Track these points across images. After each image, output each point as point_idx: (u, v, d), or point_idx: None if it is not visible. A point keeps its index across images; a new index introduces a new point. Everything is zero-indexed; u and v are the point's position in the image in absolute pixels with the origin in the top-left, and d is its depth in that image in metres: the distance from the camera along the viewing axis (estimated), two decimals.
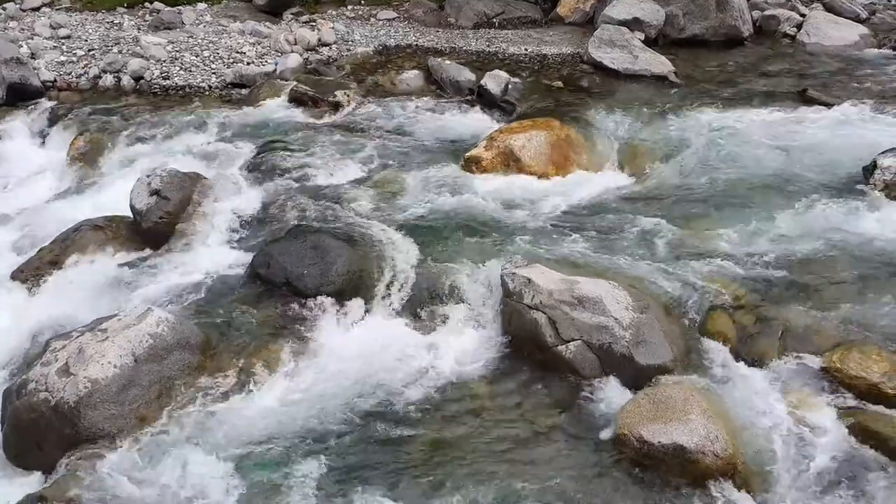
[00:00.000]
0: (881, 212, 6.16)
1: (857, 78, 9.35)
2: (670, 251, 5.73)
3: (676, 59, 9.83)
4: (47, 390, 4.36)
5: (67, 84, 9.19)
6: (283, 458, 4.20)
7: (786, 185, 6.62)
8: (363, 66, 9.86)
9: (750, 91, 8.92)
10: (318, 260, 5.48)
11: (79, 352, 4.48)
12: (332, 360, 4.93)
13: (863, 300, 5.12)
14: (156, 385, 4.52)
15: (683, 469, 4.07)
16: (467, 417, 4.53)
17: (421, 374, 4.82)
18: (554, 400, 4.64)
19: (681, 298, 5.18)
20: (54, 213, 6.85)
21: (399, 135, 7.89)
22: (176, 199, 6.14)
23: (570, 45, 10.55)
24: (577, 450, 4.31)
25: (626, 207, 6.41)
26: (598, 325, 4.77)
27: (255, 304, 5.34)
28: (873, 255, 5.63)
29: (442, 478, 4.11)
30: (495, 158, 7.08)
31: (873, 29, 11.23)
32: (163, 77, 9.28)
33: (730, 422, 4.27)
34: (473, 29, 11.47)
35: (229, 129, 8.06)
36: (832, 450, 4.24)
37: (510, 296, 5.06)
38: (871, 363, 4.57)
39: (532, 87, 9.09)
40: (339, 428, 4.42)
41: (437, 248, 5.73)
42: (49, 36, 10.06)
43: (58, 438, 4.28)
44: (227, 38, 10.39)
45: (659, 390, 4.37)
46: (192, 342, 4.77)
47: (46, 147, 8.17)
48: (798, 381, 4.64)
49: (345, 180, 6.89)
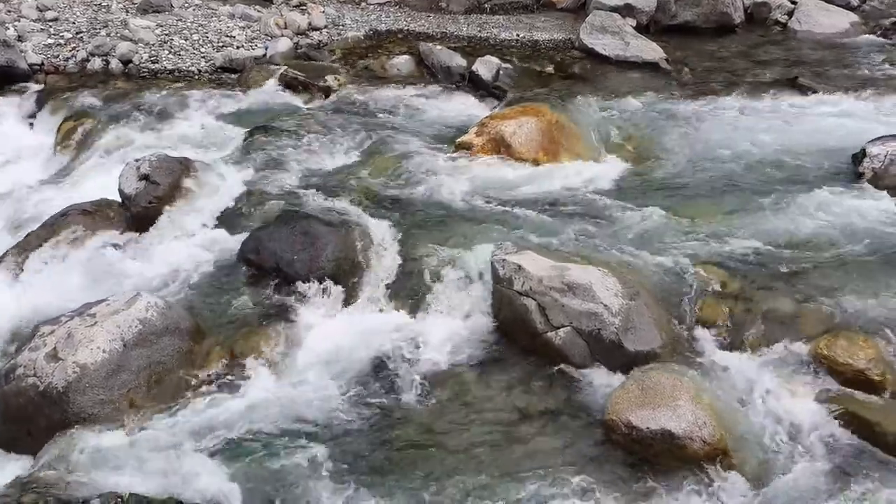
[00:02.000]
0: (870, 200, 6.18)
1: (847, 66, 9.36)
2: (660, 238, 5.74)
3: (668, 46, 9.82)
4: (35, 375, 4.34)
5: (55, 67, 9.08)
6: (272, 444, 4.20)
7: (775, 173, 6.64)
8: (354, 51, 9.80)
9: (741, 78, 8.93)
10: (308, 245, 5.47)
11: (67, 337, 4.46)
12: (321, 345, 4.93)
13: (850, 287, 5.15)
14: (145, 370, 4.51)
15: (672, 455, 4.10)
16: (456, 404, 4.54)
17: (410, 360, 4.83)
18: (543, 386, 4.66)
19: (670, 285, 5.20)
20: (42, 197, 6.80)
21: (389, 120, 7.85)
22: (165, 184, 6.10)
23: (562, 31, 10.50)
24: (566, 436, 4.33)
25: (617, 194, 6.41)
26: (587, 311, 4.79)
27: (245, 289, 5.33)
28: (861, 242, 5.65)
29: (431, 464, 4.13)
30: (486, 144, 7.06)
31: (864, 16, 11.24)
32: (151, 61, 9.19)
33: (718, 408, 4.29)
34: (465, 14, 11.40)
35: (219, 113, 8.02)
36: (819, 436, 4.28)
37: (500, 282, 5.07)
38: (857, 350, 4.60)
39: (523, 72, 9.07)
40: (329, 414, 4.42)
41: (428, 235, 5.72)
42: (36, 18, 9.93)
43: (46, 423, 4.27)
44: (217, 21, 10.30)
45: (648, 376, 4.39)
46: (181, 327, 4.76)
47: (34, 131, 8.10)
48: (785, 368, 4.67)
49: (335, 165, 6.87)
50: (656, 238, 5.75)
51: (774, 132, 7.42)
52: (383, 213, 6.00)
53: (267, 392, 4.58)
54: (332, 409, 4.46)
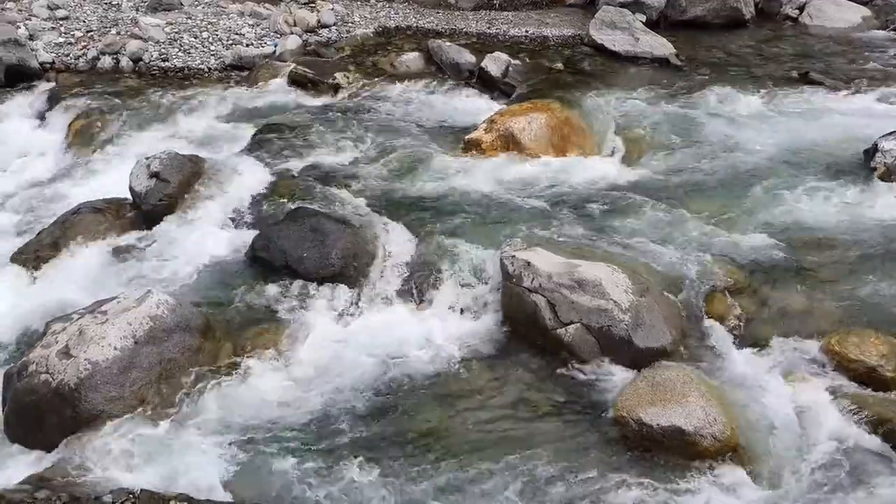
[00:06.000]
0: (882, 195, 6.15)
1: (859, 60, 9.30)
2: (670, 234, 5.72)
3: (678, 42, 9.78)
4: (48, 372, 4.37)
5: (66, 66, 9.12)
6: (282, 441, 4.21)
7: (786, 168, 6.61)
8: (363, 48, 9.80)
9: (751, 74, 8.89)
10: (317, 243, 5.48)
11: (79, 334, 4.48)
12: (331, 342, 4.94)
13: (862, 283, 5.13)
14: (156, 367, 4.52)
15: (682, 451, 4.09)
16: (466, 400, 4.54)
17: (420, 357, 4.83)
18: (553, 383, 4.65)
19: (680, 281, 5.18)
20: (53, 195, 6.83)
21: (398, 117, 7.85)
22: (175, 182, 6.12)
23: (572, 27, 10.48)
24: (575, 432, 4.32)
25: (626, 190, 6.39)
26: (597, 308, 4.78)
27: (255, 286, 5.34)
28: (872, 238, 5.63)
29: (440, 459, 4.13)
30: (495, 141, 7.05)
31: (876, 11, 11.17)
32: (161, 59, 9.22)
33: (728, 404, 4.28)
34: (474, 10, 11.39)
35: (228, 110, 8.05)
36: (830, 433, 4.26)
37: (510, 279, 5.06)
38: (868, 346, 4.59)
39: (533, 69, 9.04)
40: (338, 410, 4.43)
41: (437, 231, 5.72)
42: (47, 17, 9.97)
43: (58, 420, 4.30)
44: (226, 19, 10.32)
45: (658, 373, 4.38)
46: (192, 324, 4.77)
47: (45, 129, 8.12)
48: (796, 364, 4.65)
49: (344, 163, 6.87)
50: (666, 234, 5.73)
51: (785, 128, 7.38)
52: (392, 210, 6.00)
53: (277, 388, 4.60)
54: (341, 406, 4.46)
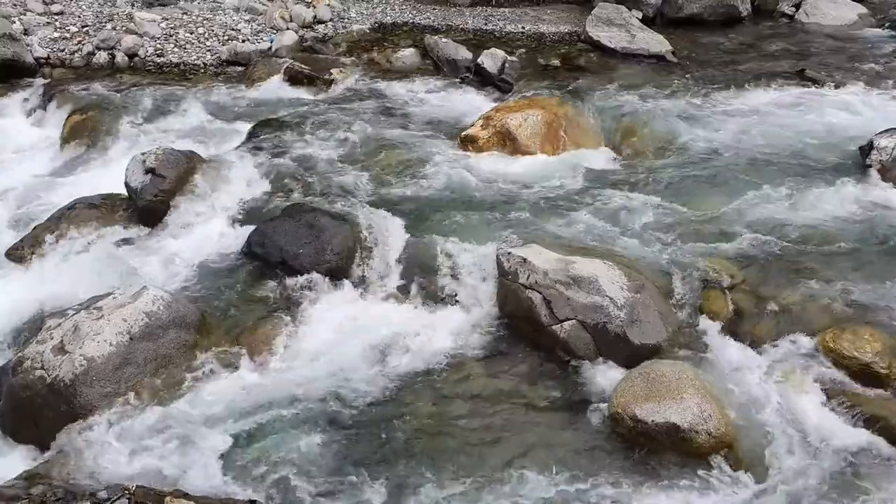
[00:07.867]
0: (877, 192, 6.17)
1: (855, 58, 9.32)
2: (666, 231, 5.74)
3: (674, 39, 9.79)
4: (43, 368, 4.37)
5: (61, 61, 9.09)
6: (278, 435, 4.21)
7: (782, 165, 6.62)
8: (359, 44, 9.79)
9: (747, 71, 8.89)
10: (313, 238, 5.48)
11: (74, 330, 4.48)
12: (327, 338, 4.94)
13: (857, 281, 5.14)
14: (151, 363, 4.53)
15: (677, 448, 4.10)
16: (461, 396, 4.55)
17: (415, 353, 4.84)
18: (548, 379, 4.66)
19: (676, 278, 5.19)
20: (49, 191, 6.81)
21: (395, 113, 7.84)
22: (171, 178, 6.11)
23: (568, 24, 10.49)
24: (571, 428, 4.33)
25: (622, 187, 6.40)
26: (592, 304, 4.78)
27: (251, 282, 5.34)
28: (868, 235, 5.64)
29: (435, 454, 4.14)
30: (492, 137, 7.06)
31: (872, 9, 11.19)
32: (157, 54, 9.20)
33: (723, 401, 4.29)
34: (471, 6, 11.38)
35: (225, 106, 8.03)
36: (824, 429, 4.27)
37: (505, 275, 5.06)
38: (863, 343, 4.60)
39: (529, 65, 9.05)
40: (334, 406, 4.43)
41: (433, 228, 5.72)
42: (42, 12, 9.94)
43: (53, 415, 4.30)
44: (222, 14, 10.29)
45: (653, 369, 4.38)
46: (187, 320, 4.77)
47: (40, 125, 8.10)
48: (791, 361, 4.66)
49: (340, 159, 6.85)
50: (662, 230, 5.74)
51: (781, 124, 7.39)
52: (389, 206, 6.00)
53: (272, 384, 4.59)
54: (337, 401, 4.46)
